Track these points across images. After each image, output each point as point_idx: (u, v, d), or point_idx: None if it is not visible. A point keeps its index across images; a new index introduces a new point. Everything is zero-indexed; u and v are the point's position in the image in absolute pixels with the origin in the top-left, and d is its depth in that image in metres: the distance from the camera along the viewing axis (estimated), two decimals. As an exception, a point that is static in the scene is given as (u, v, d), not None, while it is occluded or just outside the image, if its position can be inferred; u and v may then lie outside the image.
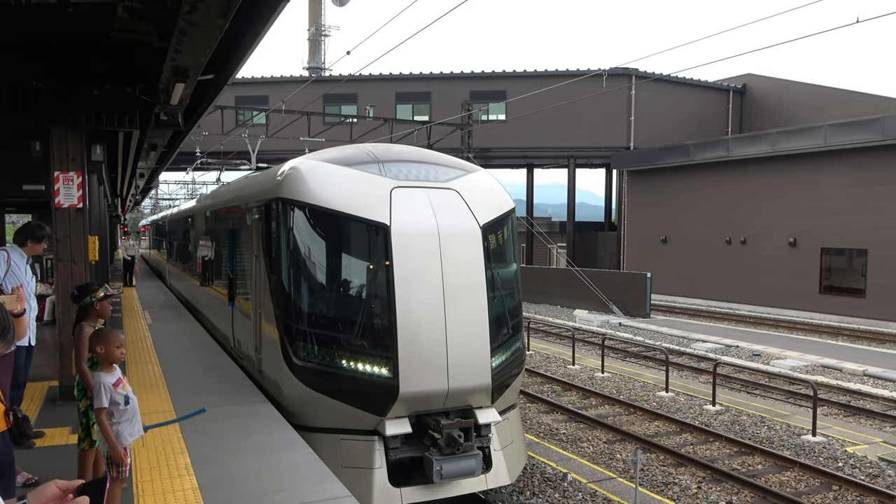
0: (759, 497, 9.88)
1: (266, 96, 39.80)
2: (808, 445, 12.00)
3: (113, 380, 4.80)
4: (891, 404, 15.01)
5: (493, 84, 41.53)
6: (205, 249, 14.81)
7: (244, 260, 10.24)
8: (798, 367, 18.91)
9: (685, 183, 36.06)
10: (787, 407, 14.98)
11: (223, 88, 8.35)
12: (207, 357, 11.26)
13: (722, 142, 34.77)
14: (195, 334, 13.56)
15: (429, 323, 7.50)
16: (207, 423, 7.52)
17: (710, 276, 34.52)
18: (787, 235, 30.75)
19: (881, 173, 26.76)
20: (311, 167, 8.26)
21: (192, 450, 6.73)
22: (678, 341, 23.50)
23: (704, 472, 10.83)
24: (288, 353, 7.82)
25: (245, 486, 5.85)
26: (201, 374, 9.95)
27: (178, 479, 6.04)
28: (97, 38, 6.40)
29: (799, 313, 29.92)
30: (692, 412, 14.28)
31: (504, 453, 8.24)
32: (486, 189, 8.74)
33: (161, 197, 63.73)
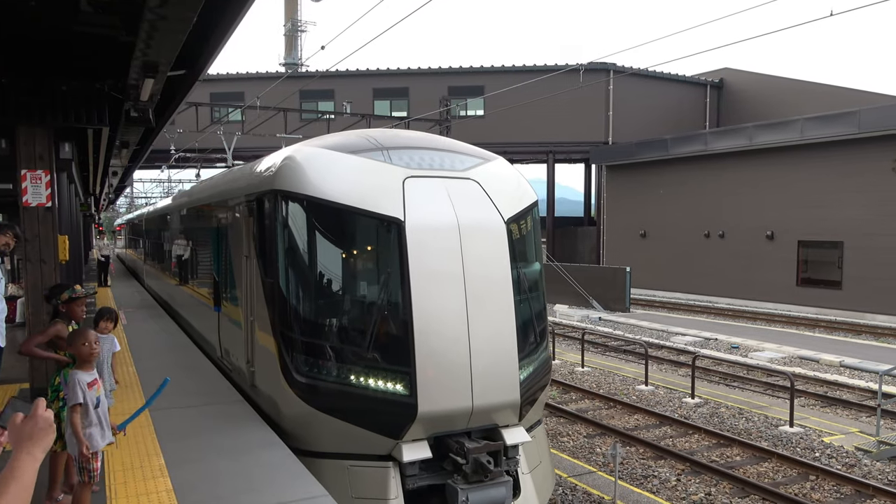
0: (737, 488, 9.94)
1: (242, 93, 39.44)
2: (785, 436, 12.11)
3: (89, 379, 4.74)
4: (867, 394, 15.19)
5: (471, 79, 41.46)
6: (186, 249, 13.73)
7: (232, 261, 9.20)
8: (776, 359, 19.09)
9: (663, 177, 36.26)
10: (765, 398, 15.10)
11: (195, 84, 8.22)
12: (184, 357, 11.12)
13: (699, 136, 35.00)
14: (172, 334, 13.39)
15: (450, 331, 6.59)
16: (182, 424, 7.43)
17: (688, 270, 34.75)
18: (764, 229, 31.02)
19: (857, 166, 27.07)
20: (311, 155, 7.30)
21: (167, 451, 6.62)
22: (658, 335, 23.63)
23: (683, 464, 10.88)
24: (287, 367, 6.85)
25: (220, 486, 5.76)
26: (177, 374, 9.79)
27: (153, 480, 5.94)
28: (63, 32, 6.27)
29: (777, 306, 30.21)
30: (671, 405, 14.35)
31: (532, 477, 7.33)
32: (508, 179, 7.84)
33: (137, 195, 63.15)
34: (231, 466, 6.18)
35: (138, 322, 14.93)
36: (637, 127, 41.00)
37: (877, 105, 28.77)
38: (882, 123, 25.95)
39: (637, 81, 41.68)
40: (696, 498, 9.63)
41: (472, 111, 41.04)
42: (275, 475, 5.98)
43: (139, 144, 12.91)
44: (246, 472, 6.03)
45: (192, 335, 12.80)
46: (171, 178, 46.01)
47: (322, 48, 13.56)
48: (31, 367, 8.41)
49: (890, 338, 22.95)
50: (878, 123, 26.08)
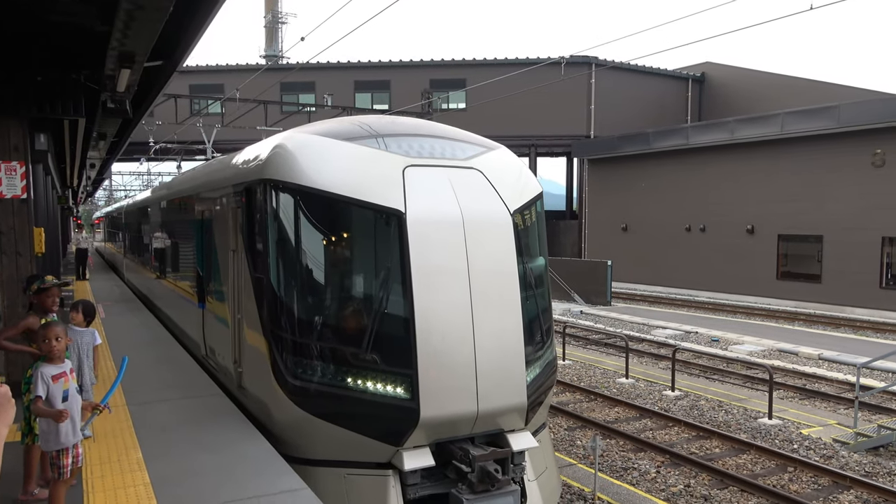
0: (716, 480, 10.02)
1: (221, 85, 39.10)
2: (764, 428, 12.22)
3: (55, 372, 4.68)
4: (845, 387, 15.36)
5: (453, 72, 41.39)
6: (169, 243, 13.23)
7: (218, 255, 8.75)
8: (755, 352, 19.26)
9: (645, 171, 36.43)
10: (745, 391, 15.23)
11: (173, 75, 8.12)
12: (163, 350, 11.03)
13: (681, 130, 35.17)
14: (151, 328, 13.28)
15: (453, 331, 6.21)
16: (162, 418, 7.38)
17: (670, 264, 34.97)
18: (745, 222, 31.25)
19: (836, 160, 27.32)
20: (304, 142, 6.87)
21: (145, 444, 6.58)
22: (638, 328, 23.76)
23: (663, 456, 10.95)
24: (279, 369, 6.43)
25: (199, 480, 5.73)
26: (155, 368, 9.74)
27: (130, 474, 5.89)
28: (39, 22, 6.17)
29: (757, 299, 30.47)
30: (652, 398, 14.44)
31: (539, 483, 7.00)
32: (512, 169, 7.43)
33: (116, 188, 62.54)
34: (210, 460, 6.15)
35: (117, 316, 14.79)
36: (619, 121, 41.15)
37: (856, 100, 29.05)
38: (861, 118, 26.21)
39: (619, 75, 41.82)
40: (676, 489, 9.69)
41: (454, 104, 41.00)
42: (254, 469, 5.95)
43: (117, 136, 12.76)
44: (225, 466, 6.00)
45: (175, 332, 12.38)
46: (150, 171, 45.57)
47: (302, 39, 13.45)
48: (6, 360, 8.31)
49: (868, 331, 23.22)
50: (857, 118, 26.33)
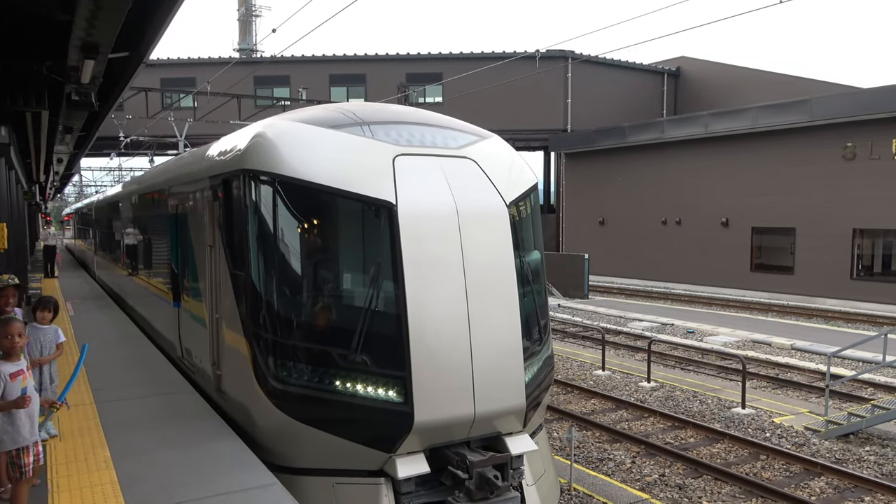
0: (690, 468, 10.10)
1: (193, 78, 38.58)
2: (737, 418, 12.33)
3: (12, 370, 4.57)
4: (816, 376, 15.55)
5: (429, 66, 41.27)
6: (142, 239, 12.70)
7: (194, 251, 8.34)
8: (730, 343, 19.44)
9: (621, 165, 36.61)
10: (719, 381, 15.36)
11: (140, 67, 7.96)
12: (133, 348, 10.87)
13: (656, 124, 35.38)
14: (121, 325, 13.08)
15: (448, 330, 5.88)
16: (130, 415, 7.27)
17: (646, 257, 35.19)
18: (719, 215, 31.52)
19: (808, 154, 27.62)
20: (286, 130, 6.48)
21: (113, 443, 6.47)
22: (615, 321, 23.89)
23: (639, 446, 11.01)
24: (262, 372, 6.06)
25: (167, 477, 5.64)
26: (125, 365, 9.59)
27: (97, 472, 5.79)
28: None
29: (732, 291, 30.77)
30: (628, 389, 14.51)
31: (538, 488, 6.70)
32: (506, 158, 7.12)
33: (86, 184, 61.64)
34: (179, 457, 6.06)
35: (85, 313, 14.56)
36: (595, 115, 41.29)
37: (828, 94, 29.39)
38: (833, 112, 26.52)
39: (595, 69, 41.97)
40: (651, 479, 9.74)
41: (431, 98, 40.88)
42: (225, 465, 5.87)
43: (84, 130, 12.53)
44: (195, 463, 5.91)
45: (149, 333, 11.94)
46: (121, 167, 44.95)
47: (273, 31, 13.31)
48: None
49: (839, 321, 23.54)
50: (828, 112, 26.65)
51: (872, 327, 21.75)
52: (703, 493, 9.29)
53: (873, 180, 25.57)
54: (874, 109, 25.14)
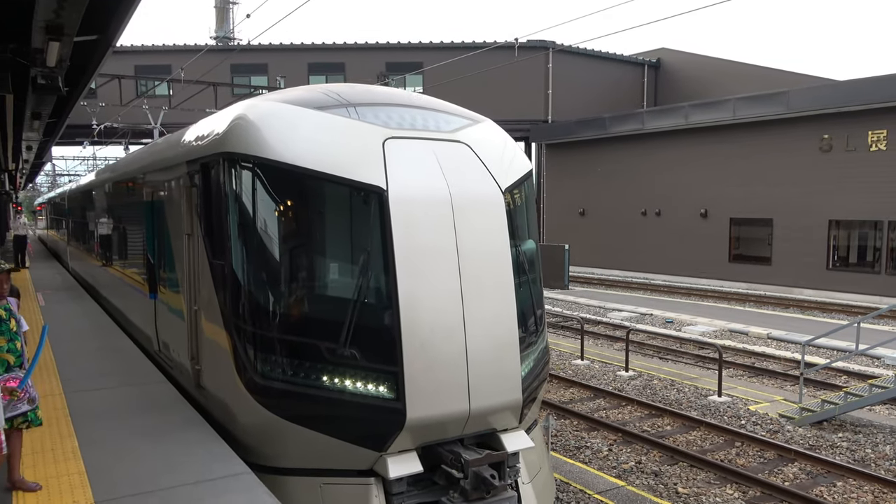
0: (666, 456, 10.15)
1: (168, 66, 37.97)
2: (714, 406, 12.41)
3: None
4: (791, 364, 15.70)
5: (409, 55, 41.06)
6: (116, 229, 12.28)
7: (171, 240, 7.98)
8: (707, 333, 19.59)
9: (602, 156, 36.70)
10: (696, 370, 15.47)
11: (109, 52, 7.80)
12: (105, 338, 10.72)
13: (637, 115, 35.47)
14: (93, 316, 12.90)
15: (442, 321, 5.60)
16: (99, 405, 7.18)
17: (626, 248, 35.35)
18: (698, 206, 31.71)
19: (785, 145, 27.83)
20: (269, 111, 6.11)
21: (81, 433, 6.38)
22: (595, 311, 23.98)
23: (616, 434, 11.06)
24: (244, 367, 5.75)
25: (137, 467, 5.56)
26: (96, 356, 9.46)
27: (64, 463, 5.70)
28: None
29: (710, 281, 31.00)
30: (606, 378, 14.57)
31: (534, 486, 6.42)
32: (501, 144, 6.82)
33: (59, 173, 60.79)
34: (149, 447, 5.99)
35: (57, 304, 14.35)
36: (576, 106, 41.33)
37: (805, 86, 29.61)
38: (810, 104, 26.72)
39: (576, 60, 41.98)
40: (627, 466, 9.78)
41: (411, 88, 40.68)
42: (196, 454, 5.81)
43: (54, 116, 12.27)
44: (165, 453, 5.84)
45: (125, 326, 11.59)
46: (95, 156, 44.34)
47: (248, 16, 13.14)
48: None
49: (815, 311, 23.79)
50: (806, 104, 26.84)
51: (847, 317, 21.99)
52: (678, 480, 9.34)
53: (849, 172, 25.82)
54: (850, 102, 25.37)
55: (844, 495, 8.89)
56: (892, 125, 24.46)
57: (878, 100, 24.45)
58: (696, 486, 9.15)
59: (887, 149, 24.67)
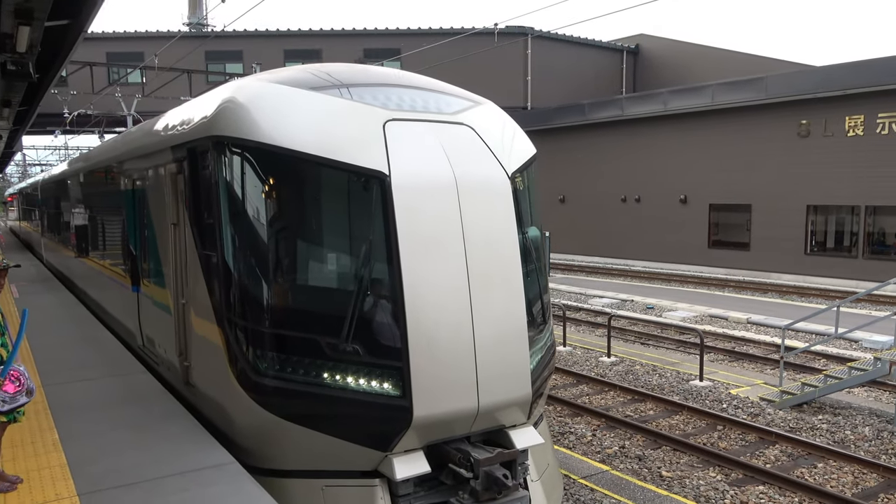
0: (650, 440, 10.22)
1: (141, 53, 37.40)
2: (695, 390, 12.51)
3: None
4: (771, 348, 15.87)
5: (386, 41, 40.76)
6: (95, 219, 11.78)
7: (155, 230, 7.59)
8: (688, 318, 19.73)
9: (581, 142, 36.74)
10: (678, 355, 15.58)
11: (81, 37, 7.61)
12: (82, 330, 10.56)
13: (616, 101, 35.53)
14: (71, 307, 12.70)
15: (449, 315, 5.31)
16: (80, 397, 7.07)
17: (606, 234, 35.49)
18: (678, 192, 31.88)
19: (764, 131, 28.03)
20: (260, 91, 5.75)
21: (62, 425, 6.28)
22: (576, 298, 24.06)
23: (599, 420, 11.11)
24: (239, 364, 5.44)
25: (120, 459, 5.49)
26: (75, 347, 9.32)
27: (45, 456, 5.61)
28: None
29: (690, 267, 31.23)
30: (588, 364, 14.63)
31: (542, 484, 6.20)
32: (505, 126, 6.49)
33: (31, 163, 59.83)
34: (132, 438, 5.91)
35: (33, 295, 14.12)
36: (555, 92, 41.32)
37: (783, 72, 29.80)
38: (787, 89, 26.90)
39: (555, 46, 41.94)
40: (611, 451, 9.84)
41: (389, 75, 40.34)
42: (179, 446, 5.74)
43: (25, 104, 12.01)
44: (148, 444, 5.76)
45: (106, 320, 11.14)
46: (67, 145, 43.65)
47: (222, 1, 12.92)
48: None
49: (794, 295, 24.06)
50: (783, 89, 27.02)
51: (825, 301, 22.26)
52: (661, 464, 9.40)
53: (827, 157, 26.07)
54: (827, 87, 25.57)
55: (825, 476, 9.01)
56: (868, 110, 24.71)
57: (855, 85, 24.67)
58: (680, 470, 9.22)
59: (864, 134, 24.93)
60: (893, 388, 12.32)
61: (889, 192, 24.44)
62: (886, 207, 24.79)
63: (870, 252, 25.39)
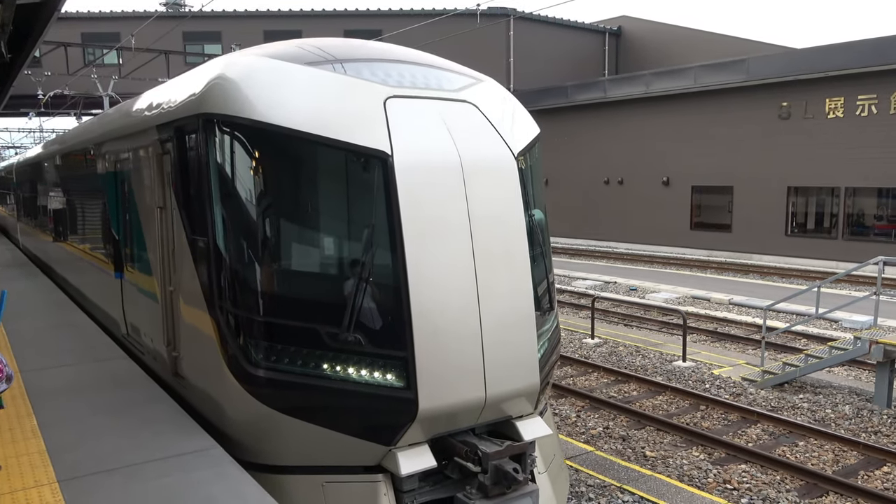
0: (633, 420, 10.27)
1: (117, 33, 36.72)
2: (678, 370, 12.59)
3: None
4: (753, 329, 16.00)
5: (368, 22, 40.36)
6: (76, 202, 11.33)
7: (139, 214, 7.23)
8: (671, 299, 19.84)
9: (564, 125, 36.69)
10: (661, 336, 15.66)
11: (55, 17, 7.40)
12: (60, 315, 10.40)
13: (599, 83, 35.48)
14: (48, 292, 12.51)
15: (455, 302, 5.07)
16: (59, 383, 6.95)
17: (589, 217, 35.57)
18: (660, 175, 31.96)
19: (745, 113, 28.13)
20: (253, 66, 5.43)
21: (41, 412, 6.17)
22: (560, 280, 24.11)
23: (583, 401, 11.15)
24: (234, 355, 5.16)
25: (100, 444, 5.40)
26: (53, 333, 9.16)
27: (24, 442, 5.50)
28: None
29: (672, 249, 31.39)
30: (572, 346, 14.67)
31: (549, 475, 6.02)
32: (508, 104, 6.21)
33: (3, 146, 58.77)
34: (113, 424, 5.81)
35: (9, 281, 13.89)
36: (538, 74, 41.15)
37: (765, 54, 29.88)
38: (769, 71, 26.99)
39: (537, 28, 41.74)
40: (595, 432, 9.88)
41: (371, 57, 39.99)
42: (160, 431, 5.65)
43: (-4, 85, 11.78)
44: (129, 430, 5.67)
45: (87, 308, 10.73)
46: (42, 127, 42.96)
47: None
48: None
49: (774, 276, 24.26)
50: (765, 71, 27.10)
51: (806, 282, 22.48)
52: (645, 444, 9.46)
53: (807, 139, 26.23)
54: (808, 70, 25.68)
55: (806, 454, 9.10)
56: (848, 93, 24.85)
57: (835, 67, 24.80)
58: (663, 450, 9.27)
59: (844, 116, 25.09)
60: (873, 367, 12.46)
61: (868, 173, 24.66)
62: (865, 189, 25.02)
63: (849, 233, 25.63)
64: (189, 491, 4.61)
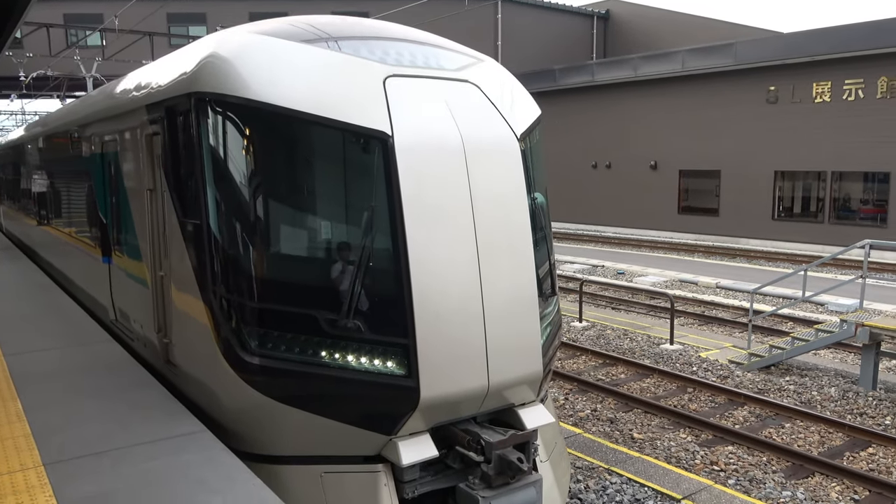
0: (621, 403, 10.31)
1: (100, 14, 36.25)
2: (666, 353, 12.65)
3: None
4: (740, 312, 16.09)
5: (355, 4, 39.96)
6: (62, 185, 11.05)
7: (128, 196, 7.03)
8: (658, 283, 19.91)
9: (552, 108, 36.52)
10: (648, 319, 15.73)
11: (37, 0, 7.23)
12: (44, 298, 10.27)
13: (587, 67, 35.39)
14: (31, 275, 12.36)
15: (457, 287, 4.95)
16: (44, 367, 6.87)
17: (577, 200, 35.59)
18: (648, 158, 32.00)
19: (733, 97, 28.16)
20: (247, 43, 5.25)
21: (25, 395, 6.09)
22: (548, 263, 24.12)
23: (572, 384, 11.18)
24: (229, 342, 5.01)
25: (86, 428, 5.34)
26: (37, 316, 9.05)
27: (8, 426, 5.44)
28: None
29: (660, 233, 31.50)
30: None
31: (552, 463, 5.93)
32: (510, 85, 6.08)
33: None
34: (100, 407, 5.74)
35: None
36: (526, 57, 40.97)
37: (753, 38, 29.87)
38: (756, 56, 27.01)
39: (525, 11, 41.54)
40: (583, 414, 9.91)
41: (357, 39, 39.68)
42: (148, 414, 5.59)
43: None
44: (116, 413, 5.61)
45: (74, 293, 10.55)
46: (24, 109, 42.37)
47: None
48: None
49: (761, 260, 24.40)
50: (752, 56, 27.12)
51: (792, 265, 22.61)
52: (633, 426, 9.50)
53: (794, 124, 26.31)
54: (795, 54, 25.72)
55: (792, 436, 9.18)
56: (836, 77, 24.92)
57: (822, 52, 24.84)
58: (651, 432, 9.32)
59: (831, 100, 25.17)
60: (858, 350, 12.57)
61: (854, 158, 24.78)
62: (851, 173, 25.16)
63: (835, 217, 25.80)
64: (178, 473, 4.57)
